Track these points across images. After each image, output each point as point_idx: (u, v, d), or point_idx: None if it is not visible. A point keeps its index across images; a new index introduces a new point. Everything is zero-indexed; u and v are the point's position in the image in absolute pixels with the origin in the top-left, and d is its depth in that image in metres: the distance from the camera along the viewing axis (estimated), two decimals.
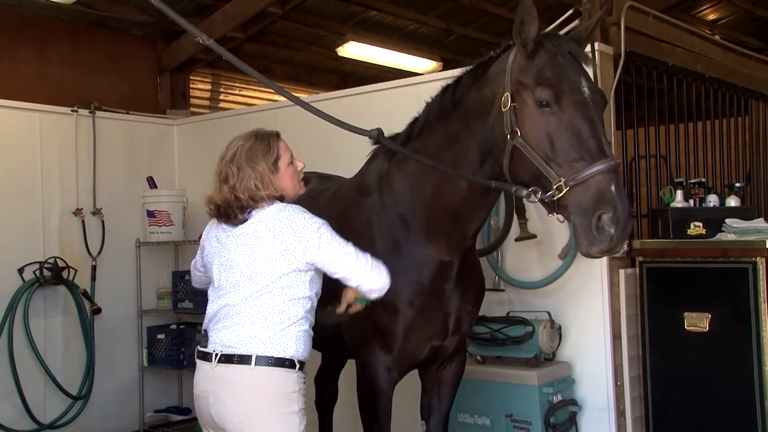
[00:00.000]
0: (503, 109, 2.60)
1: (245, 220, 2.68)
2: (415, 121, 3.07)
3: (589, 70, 2.69)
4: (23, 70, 5.87)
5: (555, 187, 2.47)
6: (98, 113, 5.82)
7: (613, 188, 2.41)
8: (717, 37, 6.77)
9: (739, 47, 6.26)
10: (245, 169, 2.66)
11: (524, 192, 2.60)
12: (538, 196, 2.55)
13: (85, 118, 5.75)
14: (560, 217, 2.55)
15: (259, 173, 2.66)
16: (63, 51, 6.10)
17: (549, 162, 2.50)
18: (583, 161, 2.44)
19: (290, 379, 2.59)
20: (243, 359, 2.56)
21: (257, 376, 2.56)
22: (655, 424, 4.10)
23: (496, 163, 2.72)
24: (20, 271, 5.16)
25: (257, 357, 2.55)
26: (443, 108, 2.91)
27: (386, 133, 2.90)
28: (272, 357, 2.56)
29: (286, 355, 2.58)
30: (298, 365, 2.61)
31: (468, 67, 2.91)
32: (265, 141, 2.73)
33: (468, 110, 2.81)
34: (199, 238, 5.51)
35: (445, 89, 2.96)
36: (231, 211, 2.67)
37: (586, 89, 2.54)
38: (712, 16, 8.93)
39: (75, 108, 5.70)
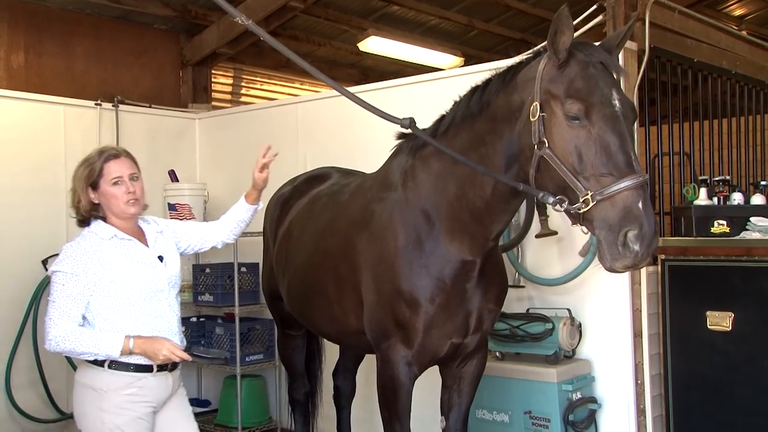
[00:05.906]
0: (531, 119, 2.57)
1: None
2: (442, 118, 3.04)
3: (620, 79, 2.64)
4: (48, 63, 5.94)
5: (581, 200, 2.45)
6: (121, 107, 5.87)
7: (640, 205, 2.37)
8: (744, 33, 6.69)
9: (766, 43, 6.18)
10: (73, 183, 2.96)
11: (551, 199, 2.57)
12: (564, 206, 2.53)
13: (108, 111, 5.80)
14: (584, 228, 2.52)
15: (81, 189, 2.92)
16: (87, 45, 6.17)
17: (576, 175, 2.47)
18: (611, 176, 2.41)
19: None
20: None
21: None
22: (677, 424, 4.06)
23: (522, 170, 2.70)
24: (44, 262, 5.20)
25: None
26: (470, 110, 2.88)
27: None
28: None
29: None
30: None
31: (497, 69, 2.86)
32: (96, 157, 2.93)
33: (495, 114, 2.78)
34: None
35: (473, 90, 2.92)
36: (77, 218, 2.99)
37: (616, 102, 2.49)
38: (739, 12, 8.82)
39: (99, 101, 5.76)
